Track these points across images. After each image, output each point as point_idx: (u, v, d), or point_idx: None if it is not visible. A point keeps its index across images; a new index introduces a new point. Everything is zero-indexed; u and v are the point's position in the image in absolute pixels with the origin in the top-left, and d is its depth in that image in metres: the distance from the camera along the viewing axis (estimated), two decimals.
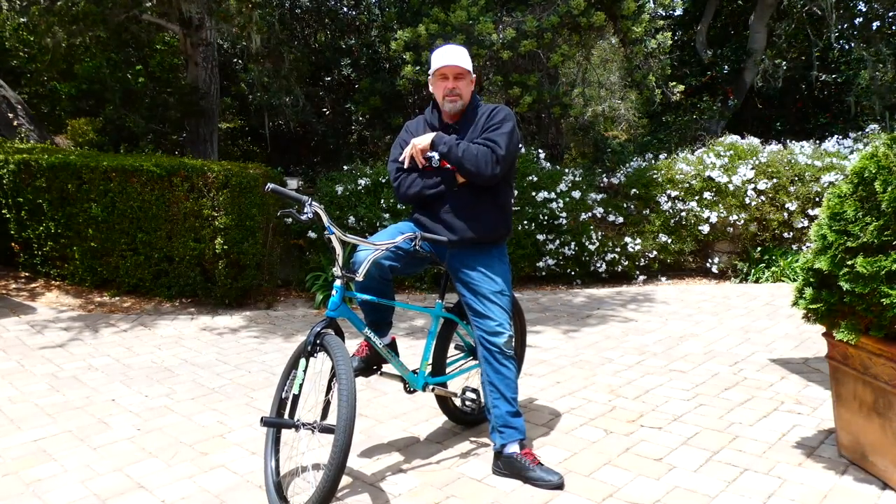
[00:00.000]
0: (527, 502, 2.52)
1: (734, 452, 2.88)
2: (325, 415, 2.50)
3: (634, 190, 7.39)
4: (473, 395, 3.16)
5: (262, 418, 2.47)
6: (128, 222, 5.79)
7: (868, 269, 2.32)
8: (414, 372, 2.94)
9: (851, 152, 7.56)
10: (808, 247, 6.67)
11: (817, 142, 8.29)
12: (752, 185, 7.10)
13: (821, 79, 10.94)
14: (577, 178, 7.25)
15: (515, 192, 6.79)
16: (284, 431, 2.63)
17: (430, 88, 2.86)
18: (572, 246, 7.02)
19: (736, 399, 3.52)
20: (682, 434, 3.09)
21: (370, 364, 2.87)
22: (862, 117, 10.57)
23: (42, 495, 2.61)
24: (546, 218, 6.95)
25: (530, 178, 6.94)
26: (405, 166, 2.81)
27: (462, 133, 2.80)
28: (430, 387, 2.98)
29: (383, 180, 6.92)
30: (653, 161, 7.90)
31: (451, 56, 2.73)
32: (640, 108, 11.76)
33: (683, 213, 7.24)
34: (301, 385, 2.50)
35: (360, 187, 6.91)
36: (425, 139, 2.75)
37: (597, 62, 14.10)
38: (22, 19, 8.22)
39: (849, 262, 2.41)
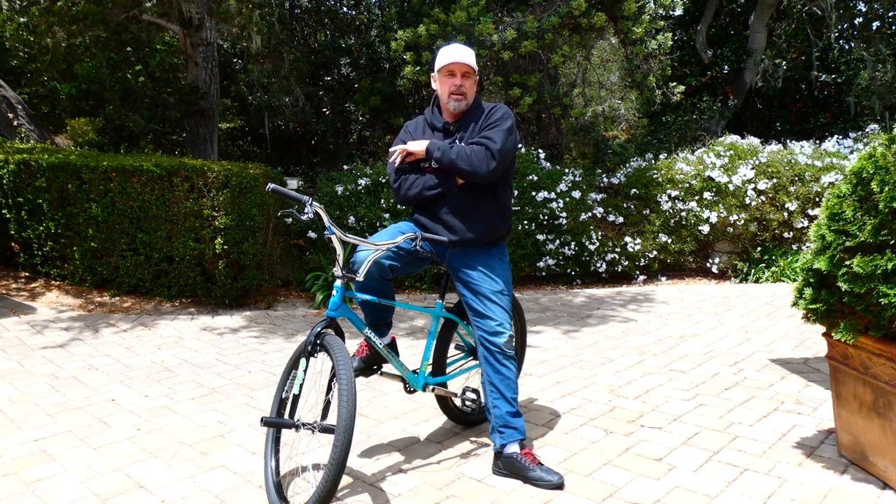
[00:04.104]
0: (527, 502, 2.52)
1: (734, 452, 2.88)
2: (325, 415, 2.50)
3: (634, 190, 7.40)
4: (473, 395, 3.16)
5: (262, 418, 2.48)
6: (128, 222, 5.79)
7: (864, 269, 2.32)
8: (414, 372, 2.94)
9: (851, 152, 7.57)
10: (807, 247, 6.67)
11: (817, 142, 8.30)
12: (752, 185, 7.10)
13: (821, 79, 10.94)
14: (577, 178, 7.25)
15: (515, 192, 6.81)
16: (285, 431, 2.63)
17: (434, 85, 2.85)
18: (572, 246, 7.02)
19: (736, 399, 3.52)
20: (682, 434, 3.09)
21: (370, 364, 2.87)
22: (862, 117, 10.57)
23: (42, 495, 2.61)
24: (546, 218, 6.95)
25: (530, 178, 6.94)
26: (390, 162, 2.83)
27: (462, 132, 2.80)
28: (431, 387, 2.98)
29: (383, 180, 6.92)
30: (653, 161, 7.90)
31: (459, 54, 2.73)
32: (640, 109, 11.76)
33: (683, 213, 7.24)
34: (301, 385, 2.50)
35: (360, 187, 6.91)
36: (419, 146, 2.74)
37: (597, 62, 14.10)
38: (22, 19, 8.22)
39: (847, 262, 2.41)
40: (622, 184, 7.56)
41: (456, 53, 2.73)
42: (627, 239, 7.20)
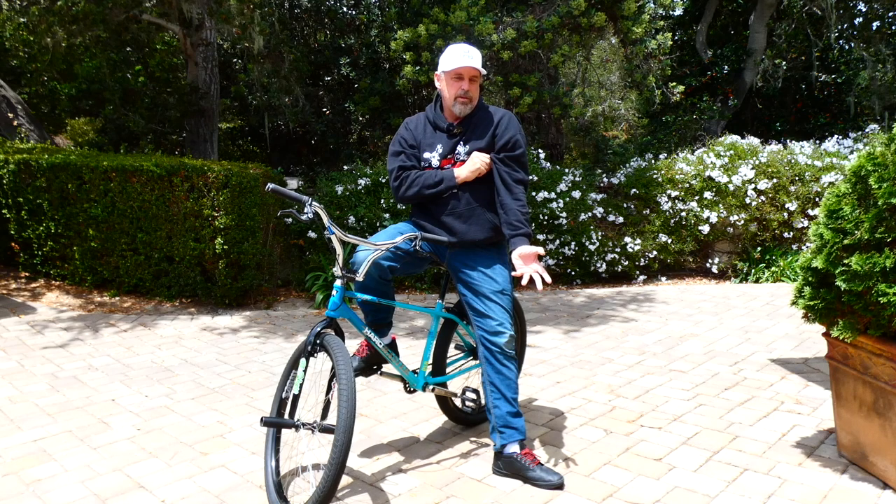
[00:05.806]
0: (527, 502, 2.52)
1: (734, 452, 2.88)
2: (325, 415, 2.50)
3: (634, 190, 7.39)
4: (473, 395, 3.16)
5: (262, 418, 2.48)
6: (128, 222, 5.79)
7: (863, 267, 2.32)
8: (414, 372, 2.94)
9: (851, 152, 7.57)
10: (807, 247, 6.67)
11: (817, 142, 8.30)
12: (753, 185, 7.10)
13: (821, 79, 10.94)
14: (577, 179, 7.25)
15: None
16: (285, 431, 2.63)
17: (438, 85, 2.81)
18: (572, 246, 7.02)
19: (736, 399, 3.52)
20: (682, 434, 3.09)
21: (370, 364, 2.87)
22: (862, 117, 10.58)
23: (42, 495, 2.61)
24: (546, 218, 6.95)
25: (530, 178, 6.94)
26: (390, 159, 2.83)
27: (467, 135, 2.78)
28: (431, 387, 2.98)
29: (383, 180, 6.92)
30: (653, 161, 7.91)
31: (469, 58, 2.68)
32: (640, 109, 11.76)
33: (683, 213, 7.24)
34: (301, 385, 2.50)
35: (360, 187, 6.91)
36: (529, 251, 2.61)
37: (597, 62, 14.08)
38: (22, 19, 8.22)
39: (845, 261, 2.41)
40: (622, 184, 7.56)
41: (466, 58, 2.67)
42: (627, 239, 7.20)
